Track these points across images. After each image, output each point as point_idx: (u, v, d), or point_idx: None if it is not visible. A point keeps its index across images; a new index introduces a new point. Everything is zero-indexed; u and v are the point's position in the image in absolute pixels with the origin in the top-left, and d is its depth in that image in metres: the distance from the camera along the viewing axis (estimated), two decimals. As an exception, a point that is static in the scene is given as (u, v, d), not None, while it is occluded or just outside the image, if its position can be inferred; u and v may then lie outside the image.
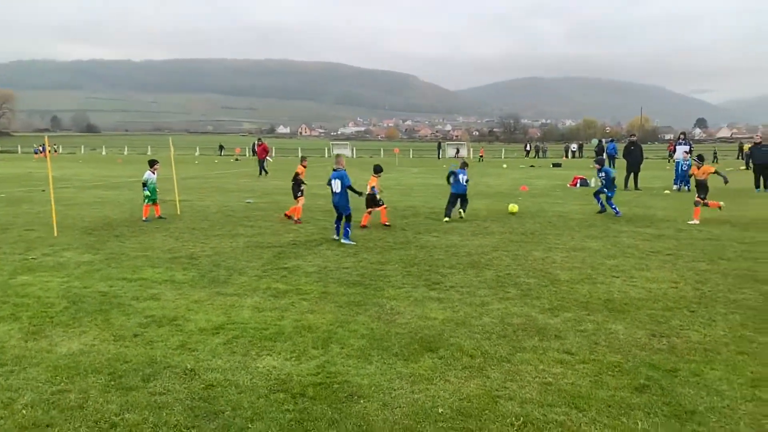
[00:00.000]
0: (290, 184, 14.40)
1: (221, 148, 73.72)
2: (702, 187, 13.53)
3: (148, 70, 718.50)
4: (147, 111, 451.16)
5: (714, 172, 13.69)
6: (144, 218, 13.67)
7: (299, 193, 14.01)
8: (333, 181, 10.92)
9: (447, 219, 13.51)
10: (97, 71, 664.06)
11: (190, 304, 6.79)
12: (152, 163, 14.26)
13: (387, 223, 12.78)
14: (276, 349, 5.38)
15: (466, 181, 13.80)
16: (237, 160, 56.59)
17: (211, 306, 6.74)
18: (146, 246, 10.48)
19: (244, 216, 14.48)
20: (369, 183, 13.01)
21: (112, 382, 4.66)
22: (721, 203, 13.73)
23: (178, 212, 14.79)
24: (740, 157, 48.13)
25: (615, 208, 14.37)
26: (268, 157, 32.74)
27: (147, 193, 13.71)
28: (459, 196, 13.84)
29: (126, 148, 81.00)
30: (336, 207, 10.91)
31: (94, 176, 30.49)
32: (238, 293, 7.28)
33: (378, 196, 12.91)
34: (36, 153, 62.67)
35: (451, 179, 13.73)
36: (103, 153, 74.82)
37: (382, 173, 13.40)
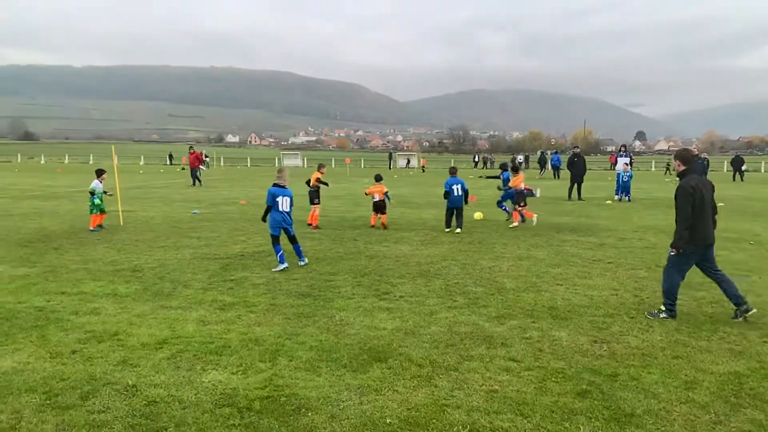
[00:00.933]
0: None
1: (170, 157, 71.83)
2: (521, 195, 14.82)
3: (89, 76, 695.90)
4: (88, 118, 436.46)
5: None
6: (91, 228, 13.36)
7: (316, 200, 14.32)
8: (281, 198, 9.43)
9: (449, 229, 13.56)
10: (35, 77, 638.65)
11: (133, 318, 6.59)
12: (100, 173, 14.07)
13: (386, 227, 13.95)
14: (222, 362, 5.27)
15: (465, 191, 13.69)
16: (183, 169, 55.37)
17: (155, 320, 6.55)
18: (87, 258, 10.11)
19: (190, 227, 14.16)
20: (373, 191, 14.18)
21: (48, 401, 4.46)
22: (535, 216, 15.08)
23: (122, 223, 14.33)
24: (668, 174, 50.16)
25: (505, 209, 15.58)
26: (201, 166, 31.99)
27: (97, 201, 13.50)
28: (455, 210, 13.57)
29: (67, 157, 78.04)
30: (285, 227, 9.51)
31: (31, 186, 29.21)
32: (182, 306, 7.10)
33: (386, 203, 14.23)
34: None
35: (447, 189, 13.63)
36: (42, 162, 71.83)
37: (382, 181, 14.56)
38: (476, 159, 70.05)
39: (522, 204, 14.73)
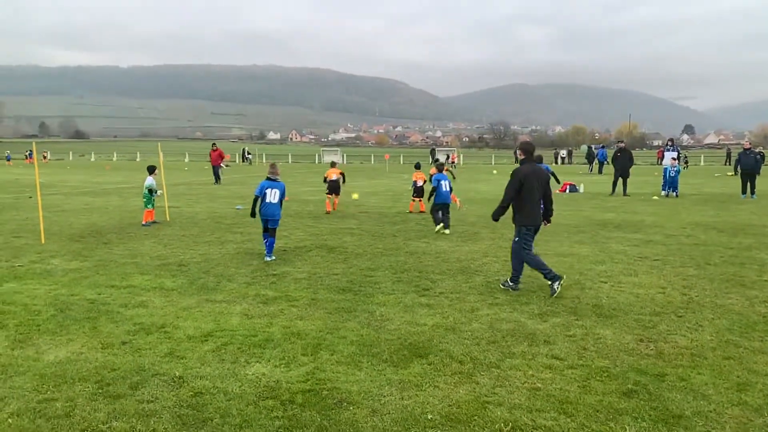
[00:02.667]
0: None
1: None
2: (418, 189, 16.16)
3: (135, 75, 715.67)
4: (134, 117, 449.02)
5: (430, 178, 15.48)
6: (144, 223, 13.88)
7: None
8: (269, 190, 9.82)
9: (438, 227, 12.73)
10: (84, 77, 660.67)
11: (179, 312, 6.76)
12: (152, 169, 14.50)
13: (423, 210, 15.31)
14: (265, 356, 5.36)
15: (450, 189, 13.14)
16: (227, 166, 56.45)
17: (200, 313, 6.71)
18: (135, 253, 10.42)
19: (233, 222, 14.43)
20: (415, 177, 16.20)
21: (100, 390, 4.62)
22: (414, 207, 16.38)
23: (168, 219, 14.71)
24: (727, 163, 48.61)
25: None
26: (223, 164, 31.07)
27: (154, 198, 14.11)
28: (443, 206, 12.86)
29: (114, 155, 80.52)
30: (268, 219, 9.83)
31: (82, 183, 30.27)
32: (227, 300, 7.25)
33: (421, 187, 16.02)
34: (8, 160, 61.47)
35: (434, 184, 12.97)
36: (92, 159, 74.33)
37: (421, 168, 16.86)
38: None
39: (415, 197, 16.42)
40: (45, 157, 69.40)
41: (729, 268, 8.99)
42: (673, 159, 22.41)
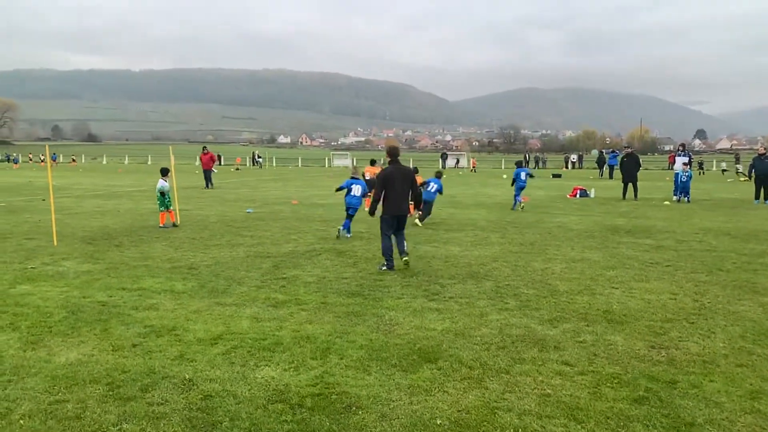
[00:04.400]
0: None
1: (220, 158, 73.73)
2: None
3: (146, 79, 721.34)
4: (146, 120, 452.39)
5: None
6: (161, 225, 14.03)
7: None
8: (354, 186, 12.99)
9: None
10: (97, 81, 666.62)
11: (189, 314, 6.79)
12: (165, 172, 14.65)
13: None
14: (274, 359, 5.37)
15: (438, 191, 14.72)
16: (237, 169, 56.71)
17: (210, 316, 6.73)
18: (146, 255, 10.49)
19: (243, 226, 14.49)
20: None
21: (110, 392, 4.65)
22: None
23: (178, 222, 14.80)
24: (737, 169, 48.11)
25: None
26: (214, 168, 29.81)
27: (167, 200, 14.21)
28: (425, 203, 14.24)
29: (126, 158, 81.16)
30: (351, 207, 12.90)
31: (94, 185, 30.54)
32: (237, 303, 7.28)
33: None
34: (15, 162, 61.97)
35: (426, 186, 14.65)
36: (104, 162, 74.99)
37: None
38: (527, 158, 69.03)
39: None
40: (74, 160, 70.29)
41: (741, 275, 8.91)
42: (685, 164, 22.22)
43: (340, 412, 4.33)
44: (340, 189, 13.48)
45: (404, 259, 9.39)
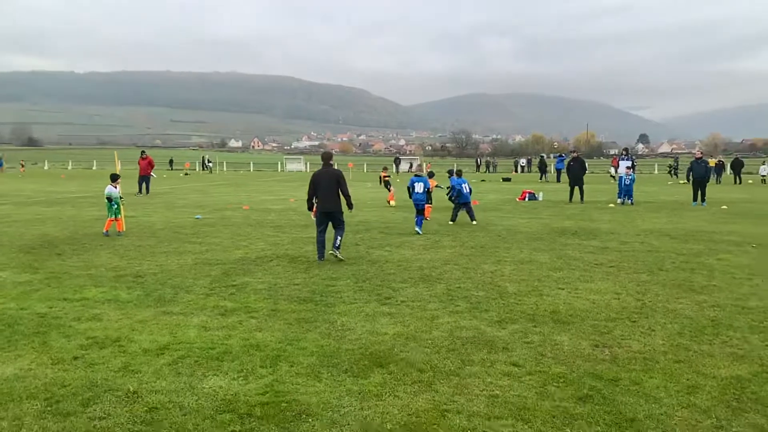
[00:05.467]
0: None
1: (171, 162, 72.15)
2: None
3: (92, 82, 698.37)
4: (91, 124, 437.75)
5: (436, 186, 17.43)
6: (105, 231, 13.63)
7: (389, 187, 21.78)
8: (416, 184, 14.48)
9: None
10: (39, 83, 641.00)
11: (135, 324, 6.60)
12: (114, 178, 14.21)
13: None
14: (223, 368, 5.28)
15: (426, 191, 14.76)
16: (186, 174, 55.53)
17: (157, 326, 6.56)
18: (89, 264, 10.14)
19: (192, 232, 14.19)
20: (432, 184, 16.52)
21: (49, 408, 4.47)
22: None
23: (124, 229, 14.36)
24: (673, 174, 50.04)
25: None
26: (152, 173, 28.32)
27: (115, 207, 13.78)
28: (416, 204, 14.57)
29: (70, 163, 78.29)
30: (417, 202, 14.44)
31: (35, 192, 29.32)
32: (184, 312, 7.11)
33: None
34: None
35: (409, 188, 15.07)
36: (46, 167, 72.08)
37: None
38: (479, 162, 70.12)
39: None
40: (22, 166, 66.83)
41: (680, 274, 9.28)
42: (628, 168, 23.01)
43: (289, 420, 4.29)
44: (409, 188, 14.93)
45: (332, 252, 10.50)
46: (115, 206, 13.79)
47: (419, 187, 14.39)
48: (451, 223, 15.93)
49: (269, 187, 34.94)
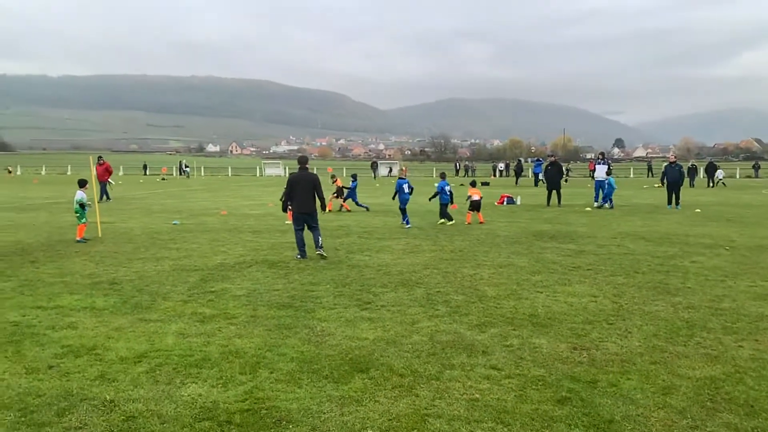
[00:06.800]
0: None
1: (145, 167, 71.27)
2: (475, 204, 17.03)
3: (66, 85, 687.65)
4: (65, 129, 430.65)
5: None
6: (78, 238, 13.37)
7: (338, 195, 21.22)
8: (404, 185, 16.28)
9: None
10: (10, 86, 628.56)
11: (111, 332, 6.50)
12: (83, 183, 14.05)
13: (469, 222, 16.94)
14: (202, 375, 5.22)
15: (411, 190, 16.63)
16: (163, 179, 54.91)
17: (134, 333, 6.47)
18: (64, 271, 9.96)
19: (169, 238, 14.03)
20: (472, 192, 17.02)
21: (23, 418, 4.38)
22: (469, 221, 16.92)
23: (100, 235, 14.15)
24: (649, 175, 51.04)
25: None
26: (110, 180, 27.16)
27: (86, 212, 13.65)
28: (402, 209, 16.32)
29: (44, 168, 76.89)
30: (405, 201, 16.22)
31: (6, 197, 28.73)
32: (162, 319, 7.03)
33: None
34: None
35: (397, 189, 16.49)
36: (18, 173, 70.67)
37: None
38: (457, 167, 70.49)
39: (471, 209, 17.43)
40: (10, 172, 65.31)
41: (656, 276, 9.44)
42: (607, 173, 23.20)
43: (269, 427, 4.26)
44: (396, 191, 16.50)
45: (317, 252, 11.15)
46: (86, 211, 13.63)
47: (407, 188, 16.28)
48: (451, 222, 16.79)
49: (248, 191, 34.69)
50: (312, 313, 7.27)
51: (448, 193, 17.01)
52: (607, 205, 22.40)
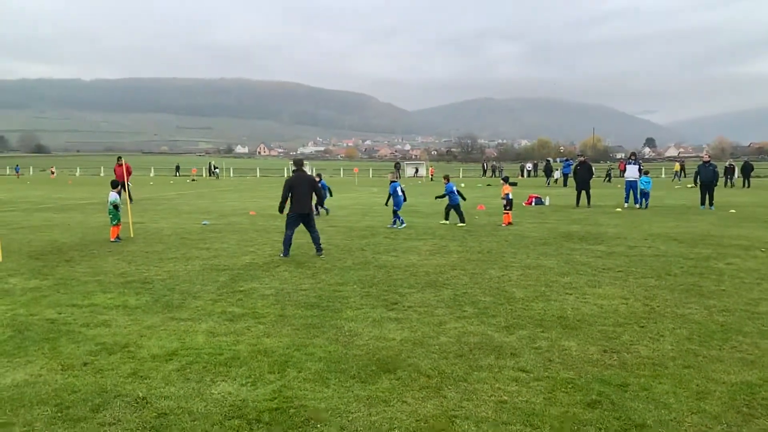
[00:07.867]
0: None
1: (177, 168, 72.47)
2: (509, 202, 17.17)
3: (98, 89, 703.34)
4: (98, 131, 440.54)
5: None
6: (112, 239, 13.67)
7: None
8: (398, 188, 16.29)
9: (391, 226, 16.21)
10: (46, 90, 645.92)
11: (143, 330, 6.63)
12: (116, 184, 14.39)
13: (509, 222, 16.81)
14: (231, 374, 5.29)
15: (403, 191, 16.53)
16: (193, 180, 55.76)
17: (165, 331, 6.59)
18: (98, 270, 10.19)
19: (199, 238, 14.24)
20: (504, 190, 17.39)
21: (59, 414, 4.49)
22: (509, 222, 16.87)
23: (132, 235, 14.44)
24: (683, 176, 49.95)
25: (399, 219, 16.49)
26: (128, 181, 25.06)
27: (119, 213, 13.91)
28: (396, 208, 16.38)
29: (78, 169, 78.76)
30: (398, 202, 16.22)
31: (43, 198, 29.50)
32: (192, 318, 7.14)
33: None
34: None
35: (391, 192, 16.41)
36: (54, 174, 72.52)
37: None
38: (485, 167, 70.04)
39: (508, 208, 17.24)
40: (53, 173, 68.07)
41: (688, 278, 9.24)
42: (639, 172, 22.78)
43: (298, 426, 4.29)
44: (391, 194, 16.33)
45: (320, 257, 11.40)
46: (119, 212, 13.92)
47: (400, 191, 16.48)
48: (462, 224, 16.63)
49: (275, 192, 35.01)
50: (339, 313, 7.31)
51: (457, 193, 17.14)
52: (637, 205, 22.02)
